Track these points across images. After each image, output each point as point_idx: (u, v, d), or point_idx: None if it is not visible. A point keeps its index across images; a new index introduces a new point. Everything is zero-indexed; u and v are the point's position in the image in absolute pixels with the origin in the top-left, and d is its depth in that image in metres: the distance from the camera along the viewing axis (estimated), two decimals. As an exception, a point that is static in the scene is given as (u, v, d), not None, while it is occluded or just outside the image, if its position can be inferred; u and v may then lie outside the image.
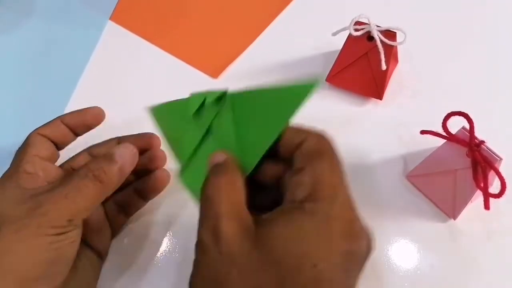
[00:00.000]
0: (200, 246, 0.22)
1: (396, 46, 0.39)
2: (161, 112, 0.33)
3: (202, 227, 0.22)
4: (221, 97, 0.28)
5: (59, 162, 0.33)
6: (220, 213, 0.22)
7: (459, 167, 0.32)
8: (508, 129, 0.39)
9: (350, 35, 0.39)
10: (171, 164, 0.35)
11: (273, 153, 0.25)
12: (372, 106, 0.41)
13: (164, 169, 0.34)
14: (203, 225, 0.22)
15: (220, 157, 0.25)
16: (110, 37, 0.48)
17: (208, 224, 0.22)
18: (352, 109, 0.41)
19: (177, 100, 0.31)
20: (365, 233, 0.23)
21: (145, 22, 0.49)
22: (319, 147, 0.25)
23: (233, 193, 0.23)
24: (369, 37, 0.39)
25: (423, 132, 0.34)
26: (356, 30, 0.38)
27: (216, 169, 0.24)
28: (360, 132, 0.40)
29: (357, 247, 0.22)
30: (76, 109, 0.42)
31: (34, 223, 0.25)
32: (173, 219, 0.35)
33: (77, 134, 0.33)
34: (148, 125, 0.41)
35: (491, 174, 0.30)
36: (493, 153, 0.30)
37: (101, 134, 0.40)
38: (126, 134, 0.35)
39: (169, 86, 0.44)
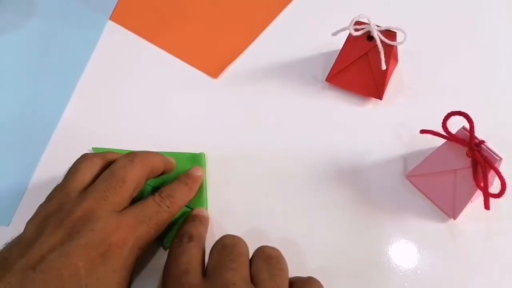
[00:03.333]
0: None
1: (396, 46, 0.39)
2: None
3: None
4: None
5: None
6: None
7: (459, 167, 0.32)
8: (508, 129, 0.39)
9: (350, 35, 0.39)
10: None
11: None
12: (372, 106, 0.41)
13: None
14: None
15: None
16: (110, 37, 0.48)
17: None
18: (352, 109, 0.41)
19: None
20: None
21: (145, 22, 0.49)
22: None
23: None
24: (369, 37, 0.39)
25: (423, 131, 0.34)
26: (356, 30, 0.38)
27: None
28: (360, 132, 0.40)
29: None
30: (76, 109, 0.42)
31: None
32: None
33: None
34: (147, 126, 0.41)
35: (491, 174, 0.30)
36: (493, 153, 0.30)
37: (103, 134, 0.41)
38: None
39: (169, 86, 0.44)
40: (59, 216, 0.28)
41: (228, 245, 0.29)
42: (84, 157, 0.32)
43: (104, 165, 0.32)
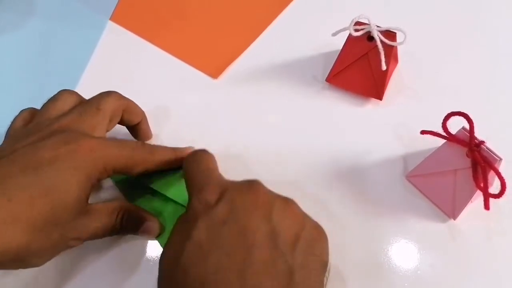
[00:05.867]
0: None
1: (396, 46, 0.39)
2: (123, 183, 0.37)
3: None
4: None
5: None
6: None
7: (459, 167, 0.32)
8: (508, 129, 0.39)
9: (350, 35, 0.39)
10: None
11: None
12: (372, 106, 0.41)
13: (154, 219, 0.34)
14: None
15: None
16: (110, 37, 0.48)
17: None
18: (352, 109, 0.41)
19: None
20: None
21: (145, 22, 0.49)
22: None
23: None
24: (369, 37, 0.39)
25: (423, 132, 0.34)
26: (356, 30, 0.38)
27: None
28: (360, 132, 0.40)
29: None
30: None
31: None
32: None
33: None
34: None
35: (491, 174, 0.30)
36: (493, 153, 0.30)
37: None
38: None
39: (169, 86, 0.44)
40: (35, 129, 0.30)
41: None
42: (63, 91, 0.34)
43: (81, 101, 0.34)
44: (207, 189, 0.27)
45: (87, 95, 0.43)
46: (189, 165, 0.30)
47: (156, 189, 0.34)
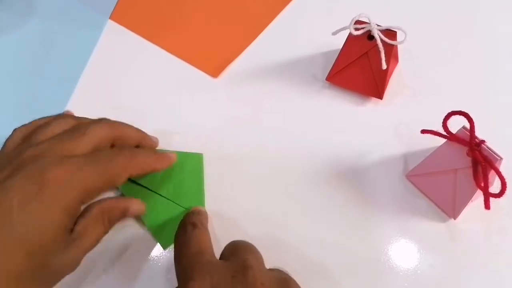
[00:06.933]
0: None
1: (396, 46, 0.39)
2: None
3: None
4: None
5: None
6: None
7: (459, 166, 0.32)
8: (508, 129, 0.39)
9: (350, 35, 0.39)
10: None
11: None
12: (372, 106, 0.41)
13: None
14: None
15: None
16: (110, 37, 0.48)
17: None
18: (352, 108, 0.41)
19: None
20: None
21: (145, 21, 0.49)
22: None
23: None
24: (370, 36, 0.38)
25: (423, 131, 0.34)
26: (357, 29, 0.38)
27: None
28: (360, 131, 0.40)
29: None
30: (76, 109, 0.42)
31: None
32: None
33: None
34: (147, 125, 0.41)
35: (492, 173, 0.30)
36: (493, 153, 0.30)
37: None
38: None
39: (169, 85, 0.44)
40: (11, 157, 0.28)
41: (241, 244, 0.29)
42: (59, 115, 0.32)
43: (73, 126, 0.32)
44: (196, 281, 0.25)
45: (86, 95, 0.43)
46: (179, 247, 0.28)
47: (142, 183, 0.34)
